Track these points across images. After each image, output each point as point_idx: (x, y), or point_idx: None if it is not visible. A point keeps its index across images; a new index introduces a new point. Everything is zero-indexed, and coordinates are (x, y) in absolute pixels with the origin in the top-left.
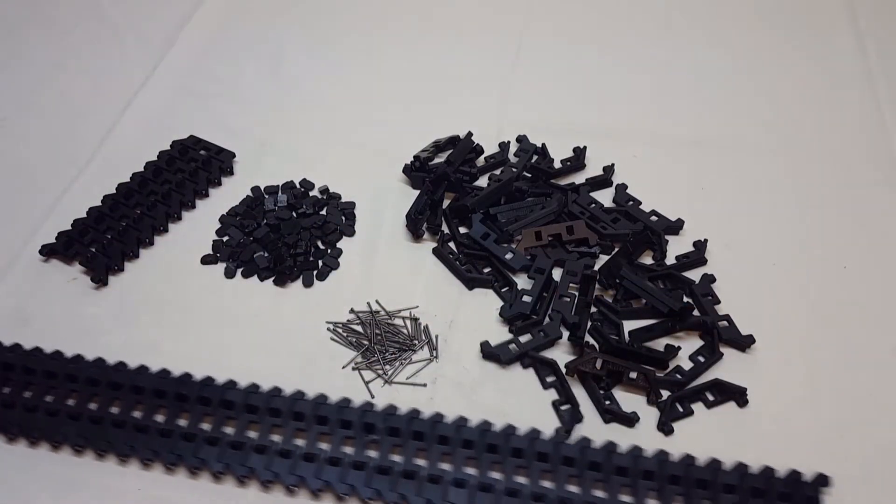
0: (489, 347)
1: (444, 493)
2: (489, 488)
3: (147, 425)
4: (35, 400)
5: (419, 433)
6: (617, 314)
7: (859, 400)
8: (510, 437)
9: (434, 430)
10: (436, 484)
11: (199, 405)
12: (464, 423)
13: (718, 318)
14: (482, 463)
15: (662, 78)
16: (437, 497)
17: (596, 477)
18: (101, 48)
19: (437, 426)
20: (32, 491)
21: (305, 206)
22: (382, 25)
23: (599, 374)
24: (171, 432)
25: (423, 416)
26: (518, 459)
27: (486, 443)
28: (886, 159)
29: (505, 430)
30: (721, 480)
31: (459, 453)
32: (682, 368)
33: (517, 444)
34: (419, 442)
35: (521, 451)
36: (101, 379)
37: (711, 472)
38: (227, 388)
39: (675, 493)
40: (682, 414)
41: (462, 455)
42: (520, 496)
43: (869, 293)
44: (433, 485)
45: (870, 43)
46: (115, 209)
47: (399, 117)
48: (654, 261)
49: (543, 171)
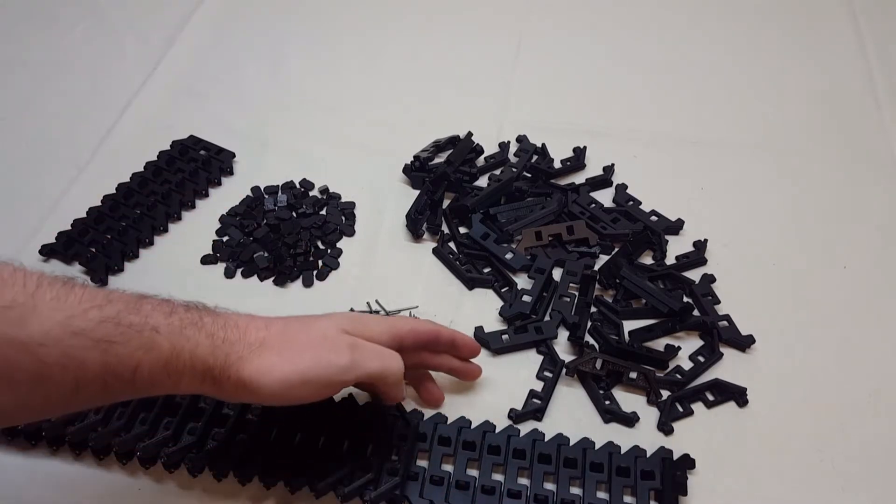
0: (481, 333)
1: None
2: None
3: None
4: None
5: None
6: (617, 314)
7: (859, 400)
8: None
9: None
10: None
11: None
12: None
13: (718, 318)
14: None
15: (662, 78)
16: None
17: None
18: (101, 48)
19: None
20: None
21: (305, 206)
22: (383, 25)
23: (599, 373)
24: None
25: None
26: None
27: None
28: (886, 159)
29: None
30: (590, 459)
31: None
32: (682, 368)
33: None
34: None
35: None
36: None
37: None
38: None
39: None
40: (682, 414)
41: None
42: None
43: (869, 293)
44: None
45: (870, 43)
46: (115, 209)
47: (399, 117)
48: (655, 261)
49: (543, 171)
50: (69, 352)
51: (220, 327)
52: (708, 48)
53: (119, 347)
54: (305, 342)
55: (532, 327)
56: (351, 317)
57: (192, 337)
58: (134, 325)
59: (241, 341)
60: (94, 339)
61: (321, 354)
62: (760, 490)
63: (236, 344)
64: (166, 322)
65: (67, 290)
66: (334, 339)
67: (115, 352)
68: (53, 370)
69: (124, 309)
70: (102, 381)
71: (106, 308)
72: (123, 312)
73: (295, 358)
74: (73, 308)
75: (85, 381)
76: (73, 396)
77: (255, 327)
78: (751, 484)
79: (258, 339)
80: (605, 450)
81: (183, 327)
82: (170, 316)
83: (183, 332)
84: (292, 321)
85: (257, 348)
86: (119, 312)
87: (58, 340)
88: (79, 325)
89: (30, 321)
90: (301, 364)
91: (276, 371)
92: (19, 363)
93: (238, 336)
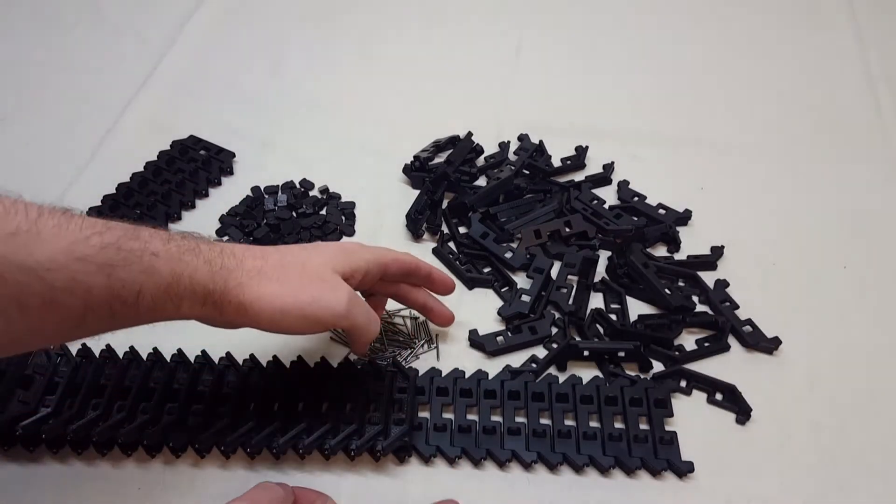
0: (476, 336)
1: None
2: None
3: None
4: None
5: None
6: (621, 293)
7: (859, 400)
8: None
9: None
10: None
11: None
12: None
13: (741, 322)
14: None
15: (662, 78)
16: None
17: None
18: (101, 48)
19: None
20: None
21: (305, 206)
22: (383, 25)
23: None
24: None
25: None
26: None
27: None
28: (886, 159)
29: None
30: (579, 393)
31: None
32: (683, 348)
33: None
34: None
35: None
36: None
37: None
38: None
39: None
40: (679, 388)
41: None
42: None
43: (869, 293)
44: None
45: (870, 43)
46: (115, 209)
47: (399, 117)
48: (669, 253)
49: (541, 169)
50: (75, 276)
51: (217, 254)
52: (708, 48)
53: (121, 272)
54: (304, 278)
55: (526, 327)
56: (341, 249)
57: (190, 262)
58: (134, 250)
59: (239, 268)
60: (97, 264)
61: (321, 294)
62: (760, 490)
63: (234, 271)
64: (164, 248)
65: (68, 219)
66: (332, 282)
67: (118, 276)
68: (62, 295)
69: (123, 235)
70: (108, 306)
71: (106, 234)
72: (123, 239)
73: (297, 291)
74: (74, 234)
75: (92, 306)
76: (82, 321)
77: (252, 255)
78: (751, 484)
79: (255, 266)
80: (592, 384)
81: (181, 253)
82: (168, 242)
83: (182, 258)
84: (286, 253)
85: (255, 275)
86: (119, 238)
87: (63, 266)
88: (82, 251)
89: (35, 247)
90: (301, 299)
91: (278, 300)
92: (30, 288)
93: (235, 263)
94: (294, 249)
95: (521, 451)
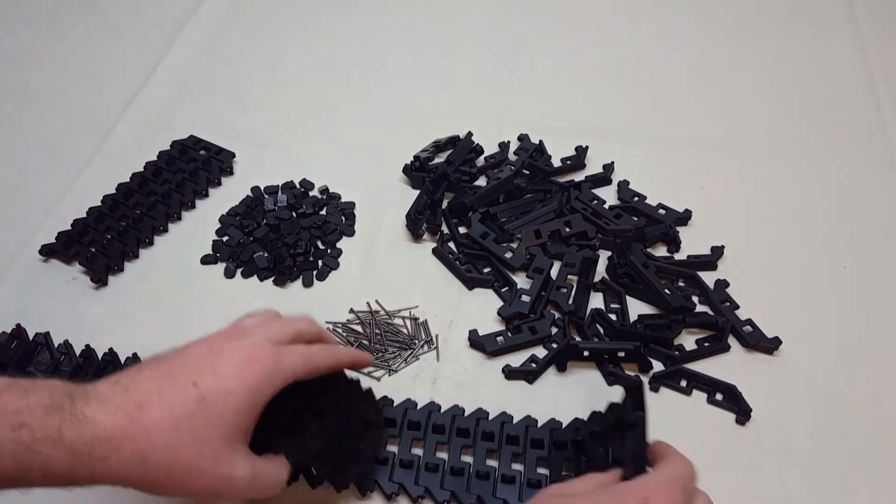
0: (476, 336)
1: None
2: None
3: None
4: None
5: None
6: (621, 293)
7: (859, 400)
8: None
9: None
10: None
11: None
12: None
13: (742, 322)
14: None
15: (662, 78)
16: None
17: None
18: (101, 48)
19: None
20: None
21: (305, 206)
22: (383, 26)
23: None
24: None
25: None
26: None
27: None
28: (886, 159)
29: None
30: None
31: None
32: (682, 348)
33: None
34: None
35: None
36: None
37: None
38: None
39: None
40: (678, 388)
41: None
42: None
43: (869, 293)
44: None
45: (870, 43)
46: (114, 209)
47: (399, 117)
48: (669, 253)
49: (541, 169)
50: None
51: (85, 441)
52: (708, 48)
53: None
54: (194, 467)
55: (526, 327)
56: (253, 384)
57: (44, 452)
58: None
59: (114, 454)
60: None
61: (216, 488)
62: (760, 490)
63: (108, 459)
64: (12, 437)
65: None
66: (228, 469)
67: None
68: None
69: None
70: None
71: None
72: None
73: (187, 485)
74: None
75: None
76: None
77: (132, 437)
78: (751, 484)
79: (136, 451)
80: (572, 425)
81: (33, 442)
82: (19, 430)
83: (32, 448)
84: (180, 418)
85: (139, 462)
86: None
87: None
88: None
89: None
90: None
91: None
92: None
93: (108, 451)
94: (188, 406)
95: (488, 497)
